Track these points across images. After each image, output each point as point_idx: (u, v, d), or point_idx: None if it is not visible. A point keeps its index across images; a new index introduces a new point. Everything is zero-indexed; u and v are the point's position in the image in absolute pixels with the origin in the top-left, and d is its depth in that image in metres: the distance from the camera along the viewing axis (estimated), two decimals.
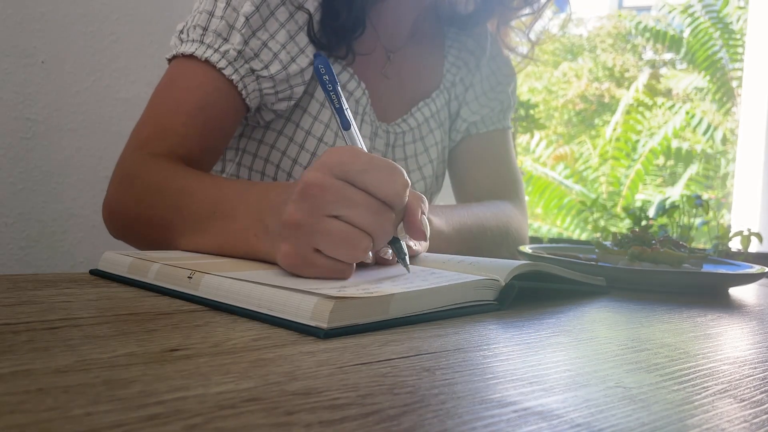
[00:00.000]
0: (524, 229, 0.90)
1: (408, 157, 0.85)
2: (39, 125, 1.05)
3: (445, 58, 0.90)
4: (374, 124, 0.80)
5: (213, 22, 0.68)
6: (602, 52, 7.76)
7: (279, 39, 0.70)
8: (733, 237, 1.54)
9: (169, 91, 0.70)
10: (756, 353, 0.37)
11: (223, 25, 0.68)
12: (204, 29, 0.68)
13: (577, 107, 7.43)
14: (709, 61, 5.62)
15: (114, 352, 0.28)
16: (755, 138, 3.09)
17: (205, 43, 0.68)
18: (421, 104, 0.86)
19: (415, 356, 0.31)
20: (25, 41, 1.03)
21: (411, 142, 0.85)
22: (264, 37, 0.69)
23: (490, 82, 0.93)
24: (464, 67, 0.91)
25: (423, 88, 0.87)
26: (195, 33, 0.68)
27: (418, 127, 0.85)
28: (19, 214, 1.04)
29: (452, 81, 0.90)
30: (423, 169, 0.86)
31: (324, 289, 0.37)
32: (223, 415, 0.21)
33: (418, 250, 0.54)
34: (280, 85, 0.71)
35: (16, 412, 0.21)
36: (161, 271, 0.45)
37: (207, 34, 0.68)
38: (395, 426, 0.21)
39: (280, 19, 0.70)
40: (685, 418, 0.24)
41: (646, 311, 0.49)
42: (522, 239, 0.88)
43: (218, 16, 0.68)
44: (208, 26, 0.68)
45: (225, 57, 0.67)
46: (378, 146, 0.81)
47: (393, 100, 0.84)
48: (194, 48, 0.68)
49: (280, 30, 0.70)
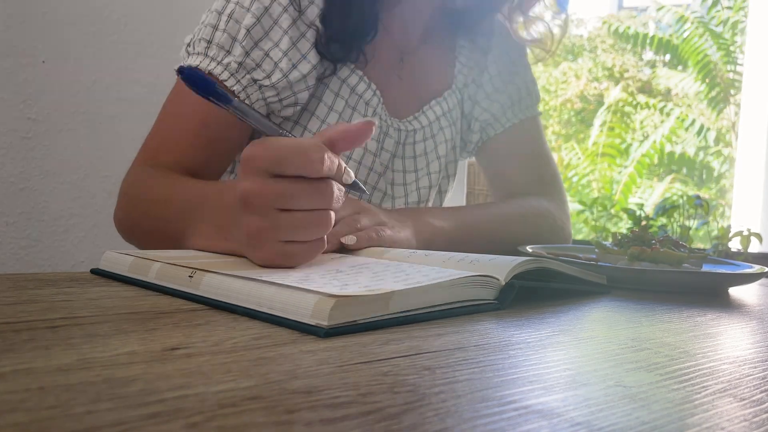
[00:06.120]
0: (560, 223, 0.88)
1: (417, 155, 0.85)
2: (40, 125, 1.05)
3: (456, 58, 0.90)
4: (385, 124, 0.80)
5: (216, 35, 0.70)
6: (603, 52, 7.76)
7: (282, 46, 0.71)
8: (733, 237, 1.54)
9: (176, 106, 0.72)
10: (756, 352, 0.37)
11: (226, 37, 0.70)
12: (208, 42, 0.70)
13: (576, 107, 7.43)
14: (702, 63, 5.63)
15: (115, 350, 0.28)
16: (755, 138, 3.09)
17: (209, 56, 0.70)
18: (432, 102, 0.86)
19: (416, 355, 0.31)
20: (25, 41, 1.03)
21: (421, 141, 0.85)
22: (267, 46, 0.70)
23: (501, 78, 0.92)
24: (476, 68, 0.91)
25: (435, 88, 0.88)
26: (200, 46, 0.71)
27: (429, 125, 0.85)
28: (19, 214, 1.04)
29: (464, 82, 0.90)
30: (430, 165, 0.87)
31: (325, 287, 0.37)
32: (223, 414, 0.21)
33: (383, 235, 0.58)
34: (284, 92, 0.72)
35: (17, 411, 0.21)
36: (162, 270, 0.45)
37: (211, 47, 0.70)
38: (396, 424, 0.21)
39: (283, 26, 0.71)
40: (685, 417, 0.24)
41: (646, 311, 0.49)
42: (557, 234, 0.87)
43: (221, 29, 0.70)
44: (212, 39, 0.70)
45: (227, 69, 0.69)
46: (387, 146, 0.81)
47: (405, 100, 0.84)
48: (199, 61, 0.70)
49: (283, 37, 0.71)
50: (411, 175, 0.85)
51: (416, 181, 0.85)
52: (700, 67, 5.64)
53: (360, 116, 0.78)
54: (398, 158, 0.83)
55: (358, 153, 0.78)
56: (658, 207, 1.50)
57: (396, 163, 0.83)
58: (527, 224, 0.83)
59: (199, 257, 0.49)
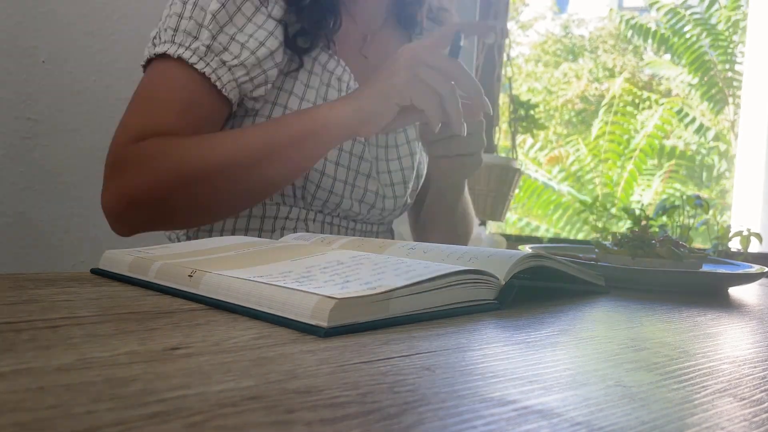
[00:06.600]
0: None
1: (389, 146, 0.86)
2: (40, 125, 1.05)
3: None
4: None
5: (182, 23, 0.71)
6: (603, 52, 7.76)
7: (247, 31, 0.72)
8: (733, 237, 1.54)
9: (154, 92, 0.73)
10: (755, 352, 0.37)
11: (192, 24, 0.71)
12: (174, 30, 0.71)
13: (577, 107, 7.43)
14: (699, 61, 5.62)
15: (115, 350, 0.28)
16: (755, 138, 3.09)
17: (176, 42, 0.71)
18: None
19: (416, 355, 0.31)
20: (26, 41, 1.03)
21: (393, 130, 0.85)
22: (231, 31, 0.72)
23: None
24: None
25: None
26: (166, 35, 0.72)
27: None
28: (20, 214, 1.04)
29: None
30: (401, 147, 0.87)
31: (326, 286, 0.37)
32: (223, 414, 0.21)
33: None
34: (253, 70, 0.73)
35: (17, 410, 0.21)
36: (162, 269, 0.45)
37: (177, 34, 0.71)
38: (395, 424, 0.21)
39: (247, 13, 0.73)
40: (684, 416, 0.24)
41: (645, 311, 0.49)
42: None
43: (187, 17, 0.71)
44: (178, 27, 0.71)
45: (196, 53, 0.70)
46: None
47: None
48: (166, 48, 0.71)
49: (247, 24, 0.73)
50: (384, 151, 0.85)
51: (398, 159, 0.85)
52: (698, 65, 5.64)
53: (335, 91, 0.80)
54: None
55: None
56: (658, 207, 1.49)
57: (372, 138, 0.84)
58: None
59: (198, 255, 0.49)
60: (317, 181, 0.78)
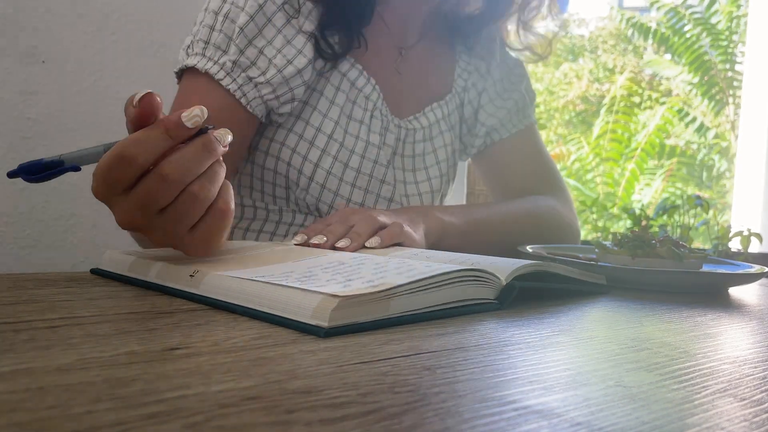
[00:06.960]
0: (567, 220, 0.90)
1: (416, 155, 0.85)
2: (40, 125, 1.05)
3: (456, 62, 0.91)
4: (385, 119, 0.81)
5: (213, 35, 0.72)
6: (604, 52, 7.75)
7: (276, 44, 0.72)
8: (733, 237, 1.53)
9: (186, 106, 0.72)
10: (756, 352, 0.37)
11: (222, 37, 0.71)
12: (206, 43, 0.72)
13: (578, 108, 7.42)
14: (699, 61, 5.62)
15: (115, 350, 0.28)
16: (755, 138, 3.09)
17: (206, 56, 0.71)
18: (434, 105, 0.87)
19: (416, 355, 0.31)
20: (25, 41, 1.03)
21: (421, 141, 0.85)
22: (260, 44, 0.71)
23: (504, 84, 0.94)
24: (475, 72, 0.92)
25: (435, 90, 0.88)
26: (198, 47, 0.72)
27: (429, 127, 0.86)
28: (20, 214, 1.04)
29: (464, 86, 0.91)
30: (429, 169, 0.87)
31: (328, 284, 0.37)
32: (223, 414, 0.21)
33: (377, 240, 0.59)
34: (280, 89, 0.73)
35: (17, 411, 0.21)
36: (162, 270, 0.45)
37: (208, 47, 0.72)
38: (396, 424, 0.21)
39: (277, 24, 0.72)
40: (685, 416, 0.24)
41: (646, 311, 0.49)
42: (565, 231, 0.89)
43: (218, 30, 0.71)
44: (209, 40, 0.72)
45: (223, 68, 0.70)
46: (388, 141, 0.82)
47: (406, 97, 0.85)
48: (196, 61, 0.71)
49: (277, 36, 0.72)
50: (410, 174, 0.85)
51: (415, 184, 0.85)
52: (698, 65, 5.64)
53: (361, 110, 0.79)
54: (398, 156, 0.83)
55: (361, 146, 0.78)
56: (658, 207, 1.49)
57: (396, 160, 0.83)
58: (535, 221, 0.85)
59: None
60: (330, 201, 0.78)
